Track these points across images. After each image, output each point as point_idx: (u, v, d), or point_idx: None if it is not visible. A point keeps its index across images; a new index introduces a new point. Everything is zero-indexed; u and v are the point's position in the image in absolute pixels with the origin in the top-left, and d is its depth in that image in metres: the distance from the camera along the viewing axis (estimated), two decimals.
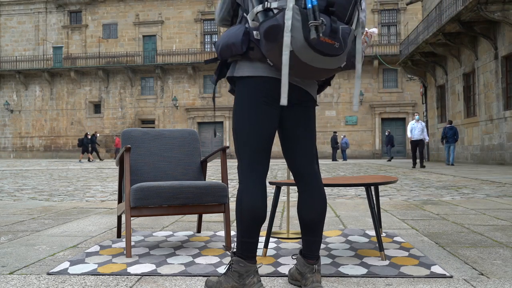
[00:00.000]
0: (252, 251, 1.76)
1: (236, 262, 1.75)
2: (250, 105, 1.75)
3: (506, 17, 13.29)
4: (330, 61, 1.61)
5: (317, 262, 1.82)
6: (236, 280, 1.73)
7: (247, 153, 1.77)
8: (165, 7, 33.48)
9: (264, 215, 1.76)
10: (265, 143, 1.78)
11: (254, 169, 1.76)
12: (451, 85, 19.29)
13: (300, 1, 1.54)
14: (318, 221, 1.83)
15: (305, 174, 1.85)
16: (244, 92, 1.77)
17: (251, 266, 1.74)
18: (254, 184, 1.75)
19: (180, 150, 3.09)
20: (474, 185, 7.42)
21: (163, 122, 32.88)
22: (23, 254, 2.54)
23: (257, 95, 1.74)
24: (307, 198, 1.84)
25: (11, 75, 34.27)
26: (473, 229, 3.22)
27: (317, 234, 1.85)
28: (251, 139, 1.76)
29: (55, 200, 5.79)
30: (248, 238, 1.75)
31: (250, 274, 1.73)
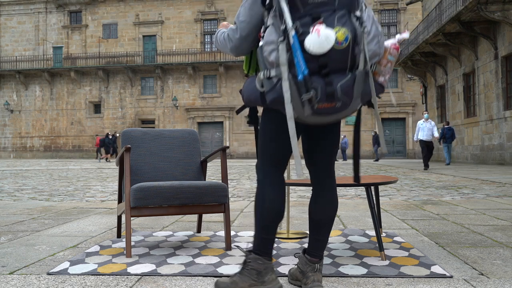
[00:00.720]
0: (270, 248, 1.78)
1: (254, 260, 1.75)
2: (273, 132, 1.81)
3: (506, 17, 13.29)
4: (339, 115, 1.64)
5: (319, 262, 1.84)
6: (254, 278, 1.74)
7: (269, 156, 1.83)
8: (165, 7, 33.48)
9: (283, 211, 1.79)
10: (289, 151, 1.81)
11: (274, 167, 1.82)
12: (451, 85, 19.30)
13: (294, 69, 1.51)
14: (326, 222, 1.87)
15: (321, 180, 1.90)
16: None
17: (269, 263, 1.76)
18: (274, 181, 1.80)
19: (180, 150, 3.09)
20: (474, 185, 7.42)
21: (163, 122, 32.88)
22: (23, 254, 2.54)
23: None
24: (320, 200, 1.88)
25: (11, 75, 34.27)
26: (473, 229, 3.22)
27: (323, 234, 1.88)
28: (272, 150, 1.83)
29: (55, 200, 5.79)
30: (267, 235, 1.77)
31: (269, 271, 1.75)
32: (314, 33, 1.47)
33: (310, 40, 1.47)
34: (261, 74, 1.63)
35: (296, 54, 1.48)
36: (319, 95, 1.50)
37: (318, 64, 1.50)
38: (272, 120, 1.78)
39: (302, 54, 1.47)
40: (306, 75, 1.47)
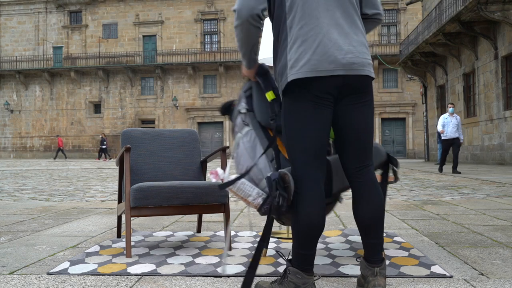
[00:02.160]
0: (310, 263, 1.69)
1: (293, 273, 1.68)
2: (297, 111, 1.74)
3: (506, 17, 13.29)
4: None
5: (380, 265, 1.72)
6: None
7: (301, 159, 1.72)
8: (165, 7, 33.47)
9: (322, 226, 1.67)
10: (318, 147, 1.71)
11: (309, 176, 1.69)
12: (451, 85, 19.29)
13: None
14: (371, 222, 1.73)
15: (354, 174, 1.78)
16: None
17: (308, 278, 1.68)
18: (314, 192, 1.68)
19: (180, 150, 3.09)
20: (474, 185, 7.42)
21: (163, 122, 32.88)
22: (23, 254, 2.54)
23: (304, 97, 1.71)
24: (359, 199, 1.76)
25: (11, 75, 34.26)
26: (473, 229, 3.22)
27: (374, 236, 1.75)
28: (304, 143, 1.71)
29: (55, 200, 5.79)
30: (305, 251, 1.68)
31: (308, 286, 1.68)
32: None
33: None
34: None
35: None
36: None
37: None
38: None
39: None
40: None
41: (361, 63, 1.69)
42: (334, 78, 1.65)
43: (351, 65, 1.66)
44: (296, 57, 1.65)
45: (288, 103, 1.71)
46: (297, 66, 1.64)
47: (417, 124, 29.47)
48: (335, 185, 1.90)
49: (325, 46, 1.64)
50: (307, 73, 1.63)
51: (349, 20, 1.71)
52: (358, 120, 1.73)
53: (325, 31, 1.65)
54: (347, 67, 1.65)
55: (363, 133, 1.74)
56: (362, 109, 1.73)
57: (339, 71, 1.64)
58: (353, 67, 1.66)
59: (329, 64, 1.63)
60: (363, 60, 1.69)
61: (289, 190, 1.67)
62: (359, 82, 1.70)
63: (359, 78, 1.69)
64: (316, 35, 1.65)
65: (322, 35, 1.65)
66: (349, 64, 1.65)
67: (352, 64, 1.66)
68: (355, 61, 1.67)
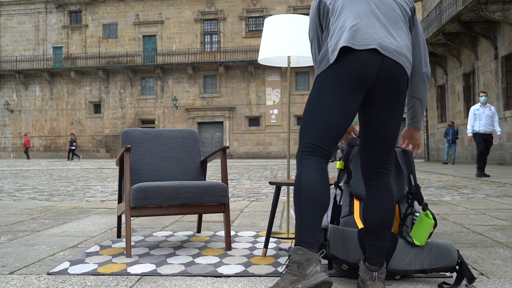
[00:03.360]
0: (313, 237, 1.57)
1: (294, 251, 1.56)
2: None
3: (506, 17, 13.29)
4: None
5: (379, 270, 1.70)
6: (295, 272, 1.52)
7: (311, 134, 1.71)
8: (165, 7, 33.47)
9: (327, 198, 1.63)
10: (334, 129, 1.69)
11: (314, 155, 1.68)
12: (451, 85, 19.29)
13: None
14: (378, 226, 1.72)
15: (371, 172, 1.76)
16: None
17: (312, 254, 1.55)
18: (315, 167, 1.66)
19: (180, 150, 3.09)
20: (474, 185, 7.42)
21: (163, 122, 32.88)
22: (23, 254, 2.54)
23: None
24: (370, 201, 1.75)
25: (11, 75, 34.26)
26: (473, 229, 3.22)
27: (379, 239, 1.72)
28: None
29: (55, 200, 5.79)
30: (308, 222, 1.58)
31: (312, 263, 1.52)
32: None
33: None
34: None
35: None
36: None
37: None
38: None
39: None
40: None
41: (398, 52, 1.64)
42: (371, 53, 1.62)
43: (387, 48, 1.63)
44: (336, 41, 1.67)
45: (320, 83, 1.70)
46: (336, 49, 1.65)
47: None
48: (393, 262, 1.91)
49: (362, 26, 1.65)
50: (343, 43, 1.63)
51: (392, 20, 1.71)
52: (388, 124, 1.71)
53: (363, 18, 1.66)
54: (383, 46, 1.62)
55: (391, 136, 1.72)
56: (395, 113, 1.71)
57: (373, 45, 1.61)
58: (388, 49, 1.62)
59: (363, 39, 1.63)
60: (400, 50, 1.65)
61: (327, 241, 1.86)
62: (394, 69, 1.64)
63: (394, 65, 1.63)
64: (353, 21, 1.66)
65: (360, 20, 1.66)
66: (385, 46, 1.63)
67: (387, 47, 1.63)
68: (391, 46, 1.64)
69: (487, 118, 9.02)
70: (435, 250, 1.93)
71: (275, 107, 31.56)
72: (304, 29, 2.84)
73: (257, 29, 32.03)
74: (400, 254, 1.92)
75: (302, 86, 31.13)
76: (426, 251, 1.93)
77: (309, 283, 1.49)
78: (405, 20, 1.76)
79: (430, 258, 1.92)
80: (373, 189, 1.75)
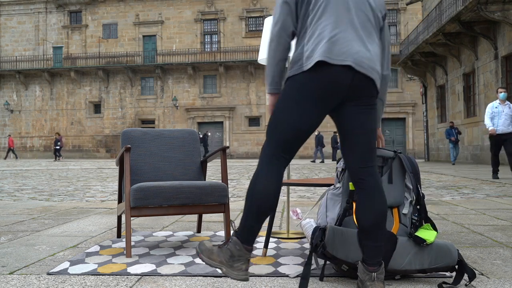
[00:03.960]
0: (251, 237, 1.73)
1: (234, 243, 1.73)
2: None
3: (506, 17, 13.29)
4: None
5: (377, 270, 1.71)
6: (226, 258, 1.73)
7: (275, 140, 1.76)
8: (165, 7, 33.47)
9: (273, 206, 1.75)
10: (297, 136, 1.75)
11: (276, 160, 1.75)
12: (451, 85, 19.30)
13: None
14: (372, 226, 1.74)
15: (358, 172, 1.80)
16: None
17: (246, 252, 1.72)
18: (273, 174, 1.73)
19: (180, 150, 3.09)
20: (474, 185, 7.42)
21: (163, 122, 32.88)
22: (23, 254, 2.54)
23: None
24: (362, 202, 1.77)
25: (11, 75, 34.26)
26: (473, 229, 3.22)
27: (374, 239, 1.74)
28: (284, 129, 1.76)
29: (55, 200, 5.79)
30: (252, 222, 1.72)
31: (241, 260, 1.71)
32: None
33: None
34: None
35: None
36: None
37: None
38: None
39: None
40: None
41: (371, 67, 1.71)
42: (344, 70, 1.66)
43: (361, 63, 1.68)
44: (312, 47, 1.69)
45: (290, 89, 1.73)
46: (312, 56, 1.68)
47: (417, 124, 29.47)
48: (393, 262, 1.92)
49: (340, 39, 1.68)
50: (318, 57, 1.66)
51: (366, 30, 1.76)
52: (365, 122, 1.74)
53: (343, 29, 1.70)
54: (357, 62, 1.67)
55: (370, 136, 1.76)
56: (370, 112, 1.75)
57: (348, 61, 1.66)
58: (362, 65, 1.68)
59: (340, 54, 1.66)
60: (373, 65, 1.72)
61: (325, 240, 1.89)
62: (366, 84, 1.71)
63: (366, 80, 1.70)
64: (332, 30, 1.69)
65: (339, 31, 1.69)
66: (359, 62, 1.67)
67: (362, 62, 1.68)
68: (366, 61, 1.69)
69: (507, 116, 8.21)
70: (435, 249, 1.94)
71: None
72: None
73: (257, 29, 32.04)
74: (400, 254, 1.92)
75: None
76: (426, 251, 1.93)
77: (230, 274, 1.72)
78: (378, 29, 1.83)
79: (430, 257, 1.93)
80: (364, 190, 1.77)
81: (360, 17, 1.74)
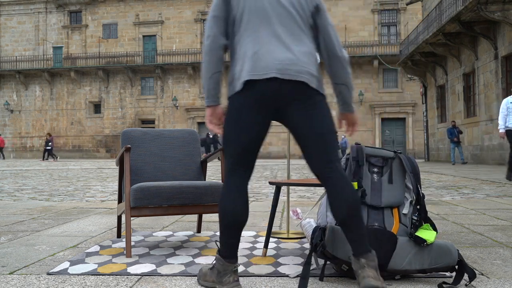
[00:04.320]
0: (231, 251, 1.82)
1: (217, 260, 1.83)
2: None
3: (506, 17, 13.29)
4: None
5: (366, 257, 1.73)
6: (215, 276, 1.83)
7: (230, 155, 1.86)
8: (165, 7, 33.48)
9: (244, 219, 1.82)
10: (246, 147, 1.83)
11: (236, 173, 1.84)
12: (451, 85, 19.30)
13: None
14: (348, 218, 1.76)
15: (321, 170, 1.83)
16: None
17: (228, 265, 1.80)
18: (235, 187, 1.83)
19: (180, 150, 3.09)
20: (474, 185, 7.42)
21: (163, 122, 32.88)
22: (23, 254, 2.54)
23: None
24: (333, 197, 1.80)
25: (11, 75, 34.26)
26: (473, 229, 3.22)
27: (355, 230, 1.76)
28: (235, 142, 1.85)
29: (55, 200, 5.79)
30: (228, 239, 1.82)
31: (227, 273, 1.79)
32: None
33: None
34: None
35: None
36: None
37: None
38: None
39: None
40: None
41: (298, 70, 1.76)
42: (270, 82, 1.74)
43: (286, 70, 1.74)
44: (240, 68, 1.79)
45: (230, 110, 1.82)
46: (240, 77, 1.78)
47: (417, 124, 29.47)
48: (393, 262, 1.92)
49: (262, 54, 1.76)
50: (245, 77, 1.75)
51: (290, 33, 1.81)
52: (309, 125, 1.78)
53: (264, 42, 1.78)
54: (282, 72, 1.74)
55: (319, 135, 1.79)
56: (311, 113, 1.79)
57: (272, 74, 1.73)
58: (287, 72, 1.74)
59: (263, 68, 1.74)
60: (301, 68, 1.76)
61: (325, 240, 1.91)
62: (297, 89, 1.76)
63: (296, 85, 1.75)
64: (254, 47, 1.78)
65: (260, 46, 1.78)
66: (283, 69, 1.74)
67: (287, 70, 1.74)
68: (291, 67, 1.75)
69: None
70: (435, 249, 1.94)
71: None
72: None
73: None
74: (400, 254, 1.92)
75: None
76: (426, 251, 1.94)
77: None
78: (306, 25, 1.86)
79: (430, 258, 1.93)
80: (331, 185, 1.80)
81: (284, 23, 1.81)
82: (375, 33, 31.16)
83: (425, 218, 2.05)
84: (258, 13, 1.81)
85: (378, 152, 2.11)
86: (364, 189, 2.08)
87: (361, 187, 2.08)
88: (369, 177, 2.08)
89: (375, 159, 2.11)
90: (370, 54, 30.15)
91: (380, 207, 2.04)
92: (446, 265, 1.93)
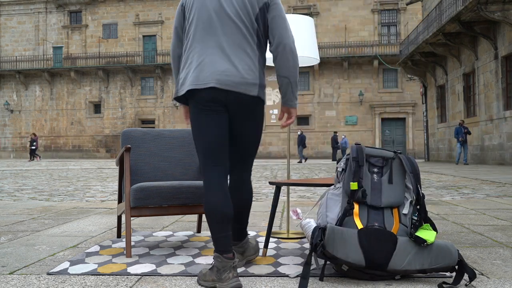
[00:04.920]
0: (226, 246, 1.87)
1: (215, 258, 1.88)
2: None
3: (506, 17, 13.29)
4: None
5: (241, 242, 2.15)
6: (215, 275, 1.86)
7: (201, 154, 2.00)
8: (165, 7, 33.48)
9: (227, 211, 1.90)
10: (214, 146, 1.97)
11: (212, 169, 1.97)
12: (451, 85, 19.30)
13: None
14: (241, 210, 2.13)
15: (234, 172, 2.17)
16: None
17: (227, 261, 1.84)
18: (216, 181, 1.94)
19: (180, 150, 3.09)
20: (474, 185, 7.43)
21: (163, 122, 32.89)
22: (23, 254, 2.54)
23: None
24: (235, 192, 2.11)
25: (11, 75, 34.27)
26: (473, 229, 3.22)
27: (240, 222, 2.17)
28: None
29: (55, 200, 5.79)
30: (218, 233, 1.89)
31: (226, 269, 1.83)
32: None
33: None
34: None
35: None
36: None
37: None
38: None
39: None
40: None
41: (239, 82, 1.90)
42: (209, 90, 1.89)
43: (224, 81, 1.88)
44: (184, 76, 1.97)
45: (191, 108, 1.99)
46: (185, 84, 1.95)
47: (417, 124, 29.48)
48: (393, 262, 1.93)
49: (205, 65, 1.91)
50: (188, 86, 1.93)
51: (234, 42, 1.93)
52: (243, 133, 2.04)
53: (208, 53, 1.92)
54: (220, 82, 1.88)
55: (248, 143, 2.07)
56: (246, 124, 2.01)
57: (211, 84, 1.88)
58: (225, 83, 1.88)
59: (204, 78, 1.89)
60: (241, 79, 1.90)
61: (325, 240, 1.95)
62: (237, 97, 1.92)
63: (236, 94, 1.91)
64: (199, 57, 1.93)
65: (204, 56, 1.92)
66: (222, 80, 1.88)
67: (226, 81, 1.88)
68: (230, 78, 1.88)
69: None
70: (435, 250, 1.94)
71: (275, 107, 31.46)
72: (304, 29, 2.84)
73: None
74: (400, 254, 1.92)
75: (302, 86, 31.09)
76: (426, 251, 1.94)
77: (223, 286, 1.81)
78: (252, 32, 1.97)
79: (430, 258, 1.93)
80: (237, 183, 2.13)
81: (228, 32, 1.93)
82: (375, 33, 31.16)
83: (425, 218, 2.05)
84: (204, 23, 1.94)
85: (378, 152, 2.11)
86: (364, 189, 2.08)
87: (361, 187, 2.08)
88: (369, 177, 2.08)
89: (375, 159, 2.11)
90: (370, 54, 30.14)
91: (380, 207, 2.04)
92: (446, 265, 1.93)
